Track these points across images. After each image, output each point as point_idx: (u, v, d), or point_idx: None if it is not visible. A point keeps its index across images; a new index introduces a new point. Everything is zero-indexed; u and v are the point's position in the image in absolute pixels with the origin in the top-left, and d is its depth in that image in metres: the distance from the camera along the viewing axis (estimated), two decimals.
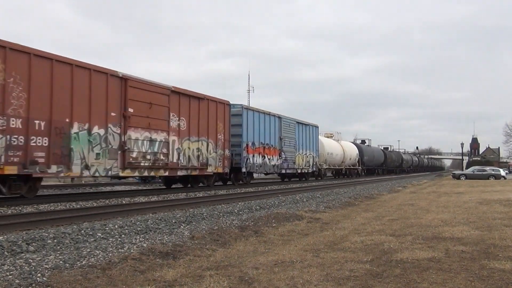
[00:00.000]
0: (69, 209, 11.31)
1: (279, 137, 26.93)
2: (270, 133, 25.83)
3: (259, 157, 24.47)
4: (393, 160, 65.70)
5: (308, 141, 31.87)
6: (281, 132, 27.16)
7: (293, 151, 29.01)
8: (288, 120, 28.71)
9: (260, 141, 24.56)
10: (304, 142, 31.03)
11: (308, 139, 32.01)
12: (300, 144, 30.25)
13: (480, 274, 5.27)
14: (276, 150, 26.56)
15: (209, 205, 13.15)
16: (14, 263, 5.45)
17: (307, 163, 31.76)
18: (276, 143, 26.66)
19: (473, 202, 15.28)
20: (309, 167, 32.08)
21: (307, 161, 31.75)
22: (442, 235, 8.02)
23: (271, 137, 25.95)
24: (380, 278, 5.09)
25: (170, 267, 5.64)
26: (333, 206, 13.88)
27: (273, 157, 26.15)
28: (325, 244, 7.38)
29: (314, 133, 33.31)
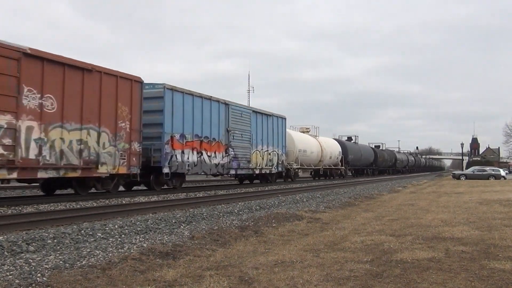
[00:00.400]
0: (69, 209, 11.31)
1: (226, 129, 21.47)
2: (212, 123, 20.34)
3: (193, 154, 19.02)
4: (385, 160, 59.97)
5: (271, 136, 26.22)
6: (229, 123, 21.68)
7: (247, 147, 23.43)
8: (240, 108, 23.27)
9: (195, 133, 19.22)
10: (265, 136, 25.46)
11: (271, 133, 26.36)
12: (258, 138, 24.71)
13: (480, 274, 5.26)
14: (221, 145, 21.04)
15: (209, 205, 13.15)
16: (14, 263, 5.45)
17: (269, 162, 26.04)
18: (221, 136, 21.13)
19: (473, 202, 15.28)
20: (272, 166, 26.38)
21: (269, 159, 25.99)
22: (442, 235, 8.02)
23: (213, 129, 20.38)
24: (380, 278, 5.09)
25: (170, 267, 5.64)
26: (333, 206, 13.88)
27: (215, 154, 20.53)
28: (325, 244, 7.37)
29: (280, 126, 27.63)
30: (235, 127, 22.32)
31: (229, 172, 22.33)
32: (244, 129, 23.29)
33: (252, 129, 24.14)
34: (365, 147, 53.87)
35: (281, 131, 27.95)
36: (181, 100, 18.31)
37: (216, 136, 20.77)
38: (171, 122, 17.70)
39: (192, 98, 19.13)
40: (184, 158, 18.42)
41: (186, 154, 18.54)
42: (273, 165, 26.60)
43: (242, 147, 23.04)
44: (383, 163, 59.19)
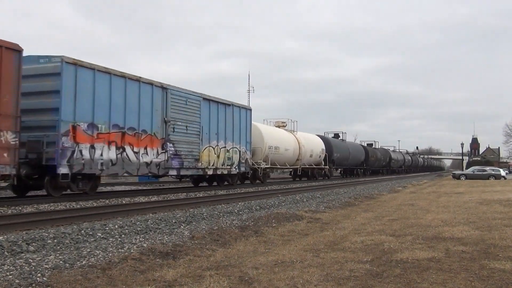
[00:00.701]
0: (69, 209, 11.32)
1: (163, 119, 17.07)
2: (142, 111, 15.88)
3: (110, 150, 14.66)
4: (377, 159, 54.93)
5: (230, 129, 21.75)
6: (167, 112, 17.24)
7: (195, 142, 19.01)
8: (184, 94, 18.51)
9: (114, 122, 14.87)
10: (221, 130, 21.02)
11: (231, 126, 21.87)
12: (212, 132, 20.22)
13: (480, 274, 5.27)
14: (156, 139, 16.63)
15: (209, 205, 13.16)
16: (14, 263, 5.45)
17: (228, 160, 21.52)
18: (156, 128, 16.68)
19: (473, 202, 15.29)
20: (231, 166, 21.86)
21: (228, 157, 21.49)
22: (442, 235, 8.02)
23: (143, 118, 15.93)
24: (380, 278, 5.09)
25: (170, 267, 5.64)
26: (333, 206, 13.88)
27: (146, 150, 16.12)
28: (325, 244, 7.37)
29: (243, 118, 23.10)
30: (176, 117, 17.76)
31: (168, 172, 17.71)
32: (191, 120, 18.74)
33: (203, 121, 19.55)
34: (354, 145, 49.67)
35: (245, 124, 23.29)
36: (90, 79, 14.03)
37: (148, 127, 16.23)
38: (72, 106, 13.40)
39: (110, 78, 14.70)
40: (94, 154, 14.07)
41: (98, 150, 14.21)
42: (232, 164, 21.93)
43: (187, 141, 18.52)
44: (376, 162, 54.54)
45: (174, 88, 17.94)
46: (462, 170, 57.81)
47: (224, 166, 21.31)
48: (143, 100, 16.08)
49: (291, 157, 30.24)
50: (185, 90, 18.76)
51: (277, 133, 29.27)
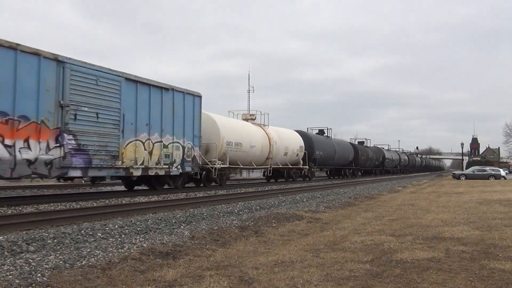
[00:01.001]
0: (69, 209, 11.31)
1: (58, 103, 12.93)
2: (19, 90, 11.81)
3: None
4: (369, 158, 50.47)
5: (169, 119, 17.39)
6: (65, 93, 13.10)
7: (112, 135, 14.77)
8: (94, 71, 14.23)
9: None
10: (155, 119, 16.63)
11: (170, 115, 17.48)
12: (140, 122, 15.86)
13: (480, 274, 5.27)
14: (44, 129, 12.48)
15: (209, 205, 13.16)
16: (14, 263, 5.45)
17: (167, 158, 17.22)
18: (45, 113, 12.54)
19: (473, 202, 15.29)
20: (171, 165, 17.40)
21: (167, 154, 17.21)
22: (442, 235, 8.02)
23: (20, 100, 11.85)
24: (380, 278, 5.09)
25: (170, 267, 5.64)
26: (333, 206, 13.88)
27: (28, 143, 12.01)
28: (325, 244, 7.37)
29: (189, 106, 18.67)
30: (80, 100, 13.59)
31: (67, 173, 13.25)
32: (105, 105, 14.50)
33: (126, 107, 15.30)
34: (341, 143, 44.40)
35: (192, 114, 18.86)
36: None
37: (31, 112, 12.13)
38: None
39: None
40: None
41: None
42: (173, 163, 17.55)
43: (99, 133, 14.30)
44: (367, 162, 50.13)
45: (76, 63, 13.52)
46: (462, 170, 57.79)
47: (160, 166, 16.87)
48: (22, 75, 11.89)
49: (258, 155, 25.74)
50: (96, 66, 14.32)
51: (239, 127, 24.57)
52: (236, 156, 23.54)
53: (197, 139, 19.46)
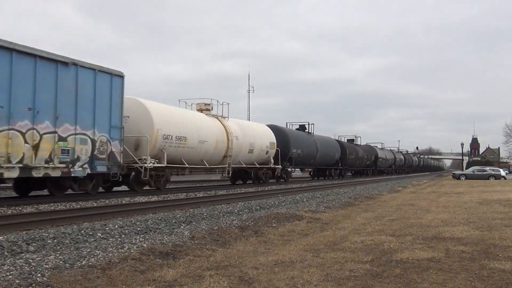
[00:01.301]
0: (69, 209, 11.31)
1: None
2: None
3: None
4: (358, 157, 45.85)
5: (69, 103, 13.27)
6: None
7: None
8: None
9: None
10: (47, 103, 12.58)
11: (71, 98, 13.37)
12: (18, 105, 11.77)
13: (480, 274, 5.27)
14: None
15: (209, 205, 13.15)
16: (14, 263, 5.45)
17: (65, 154, 13.05)
18: None
19: (473, 202, 15.28)
20: (72, 164, 13.28)
21: (64, 149, 13.03)
22: (442, 235, 8.02)
23: None
24: (380, 278, 5.09)
25: (170, 267, 5.64)
26: (333, 206, 13.88)
27: None
28: (325, 244, 7.37)
29: (103, 88, 14.59)
30: None
31: None
32: None
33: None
34: (325, 140, 39.03)
35: (108, 98, 14.76)
36: None
37: None
38: None
39: None
40: None
41: None
42: (76, 161, 13.43)
43: None
44: (356, 161, 45.20)
45: None
46: (462, 170, 57.78)
47: (53, 164, 12.67)
48: None
49: (212, 152, 20.94)
50: None
51: (183, 117, 19.62)
52: (179, 153, 18.71)
53: (117, 130, 15.04)
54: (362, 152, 47.98)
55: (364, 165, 49.49)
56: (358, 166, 47.76)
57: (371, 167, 52.64)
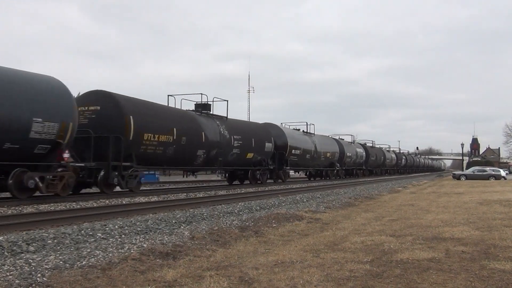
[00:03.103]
0: (69, 209, 11.32)
1: None
2: None
3: None
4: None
5: None
6: None
7: None
8: None
9: None
10: None
11: None
12: None
13: (480, 274, 5.26)
14: None
15: (209, 205, 13.15)
16: (14, 263, 5.45)
17: None
18: None
19: (473, 203, 15.27)
20: None
21: None
22: (442, 236, 8.02)
23: None
24: (380, 279, 5.09)
25: (170, 268, 5.64)
26: (333, 207, 13.87)
27: None
28: (325, 244, 7.37)
29: None
30: None
31: None
32: None
33: None
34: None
35: None
36: None
37: None
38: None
39: None
40: None
41: None
42: None
43: None
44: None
45: None
46: (462, 171, 57.74)
47: None
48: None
49: None
50: None
51: None
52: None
53: None
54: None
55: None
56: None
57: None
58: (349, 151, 42.32)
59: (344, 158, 40.10)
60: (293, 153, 29.65)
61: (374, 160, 50.73)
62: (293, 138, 30.36)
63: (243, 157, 24.17)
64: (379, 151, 55.94)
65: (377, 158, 52.22)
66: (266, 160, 26.52)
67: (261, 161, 26.09)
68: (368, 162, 48.45)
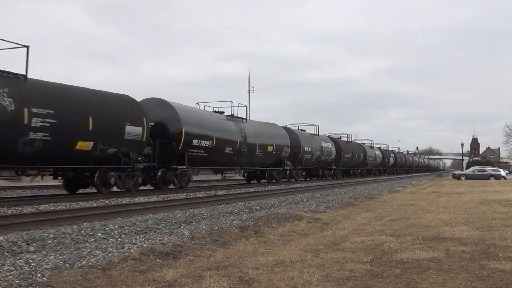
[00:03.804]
0: (69, 209, 11.31)
1: None
2: None
3: None
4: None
5: None
6: None
7: None
8: None
9: None
10: None
11: None
12: None
13: (480, 274, 5.26)
14: None
15: (209, 205, 13.14)
16: (14, 263, 5.45)
17: None
18: None
19: (473, 202, 15.27)
20: None
21: None
22: (442, 235, 8.02)
23: None
24: (380, 278, 5.09)
25: (170, 267, 5.64)
26: (333, 206, 13.87)
27: None
28: (325, 244, 7.37)
29: None
30: None
31: None
32: None
33: None
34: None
35: None
36: None
37: None
38: None
39: None
40: None
41: None
42: None
43: None
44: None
45: None
46: (462, 170, 57.71)
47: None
48: None
49: None
50: None
51: None
52: None
53: None
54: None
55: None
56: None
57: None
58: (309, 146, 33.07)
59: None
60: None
61: (349, 158, 42.09)
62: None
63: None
64: (358, 147, 47.07)
65: (354, 156, 43.42)
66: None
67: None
68: (340, 161, 39.54)
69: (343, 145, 41.15)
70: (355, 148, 44.99)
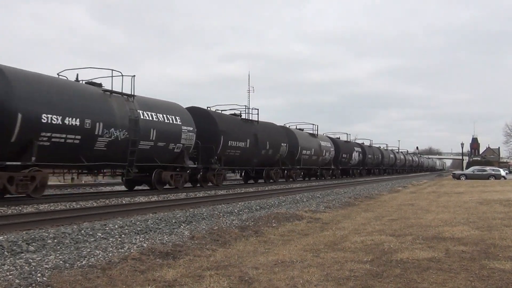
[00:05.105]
0: (69, 209, 11.31)
1: None
2: None
3: None
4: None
5: None
6: None
7: None
8: None
9: None
10: None
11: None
12: None
13: (480, 274, 5.26)
14: None
15: (209, 205, 13.14)
16: (14, 263, 5.45)
17: None
18: None
19: (473, 202, 15.27)
20: None
21: None
22: (442, 235, 8.02)
23: None
24: (380, 278, 5.09)
25: (170, 267, 5.64)
26: (333, 206, 13.87)
27: None
28: (325, 244, 7.37)
29: None
30: None
31: None
32: None
33: None
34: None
35: None
36: None
37: None
38: None
39: None
40: None
41: None
42: None
43: None
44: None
45: None
46: (462, 170, 57.69)
47: None
48: None
49: None
50: None
51: None
52: None
53: None
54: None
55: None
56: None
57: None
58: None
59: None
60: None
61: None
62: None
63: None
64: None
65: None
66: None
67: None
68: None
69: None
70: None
